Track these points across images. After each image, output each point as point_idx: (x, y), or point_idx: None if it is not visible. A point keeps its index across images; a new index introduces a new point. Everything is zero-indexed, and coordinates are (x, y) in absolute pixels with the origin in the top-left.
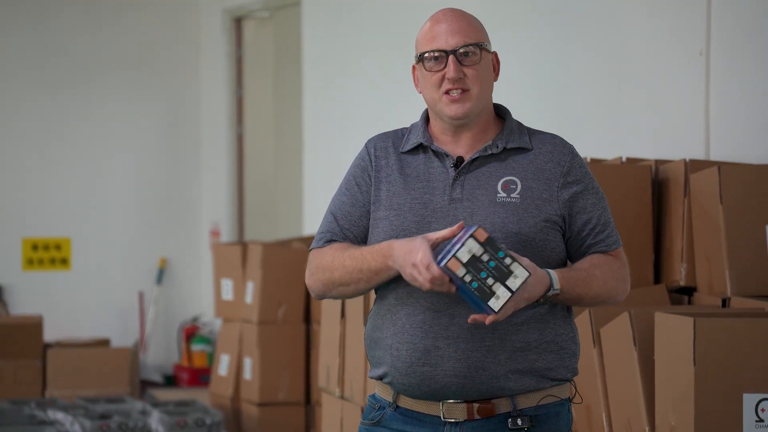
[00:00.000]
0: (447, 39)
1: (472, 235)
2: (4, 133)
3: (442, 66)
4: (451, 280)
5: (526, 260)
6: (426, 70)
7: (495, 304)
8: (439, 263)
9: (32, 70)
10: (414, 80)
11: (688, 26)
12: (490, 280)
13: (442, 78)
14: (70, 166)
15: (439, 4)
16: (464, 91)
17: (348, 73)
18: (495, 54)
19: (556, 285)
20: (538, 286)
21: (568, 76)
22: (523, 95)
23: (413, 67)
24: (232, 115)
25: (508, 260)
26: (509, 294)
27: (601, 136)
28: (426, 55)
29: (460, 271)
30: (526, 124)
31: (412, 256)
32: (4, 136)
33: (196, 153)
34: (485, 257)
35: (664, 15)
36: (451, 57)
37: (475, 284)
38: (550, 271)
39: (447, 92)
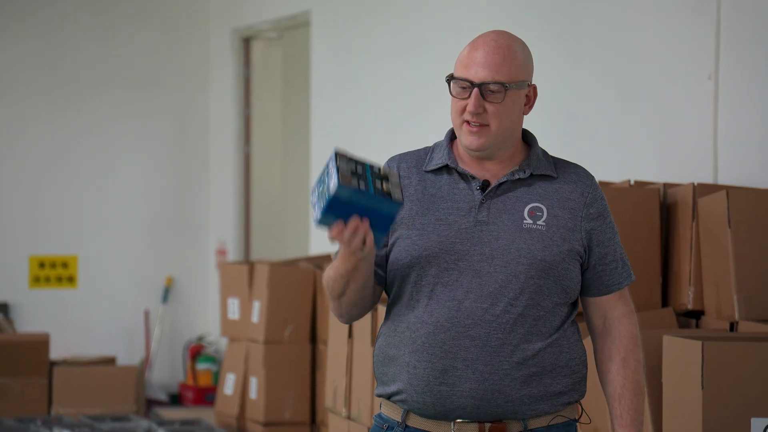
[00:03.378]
0: (477, 71)
1: (338, 156)
2: (12, 150)
3: (466, 96)
4: (343, 209)
5: None
6: (452, 95)
7: (397, 195)
8: (329, 196)
9: (41, 87)
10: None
11: (697, 50)
12: (378, 184)
13: (464, 107)
14: (78, 184)
15: (448, 27)
16: (483, 125)
17: (356, 93)
18: (533, 87)
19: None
20: None
21: (577, 99)
22: (532, 117)
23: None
24: (239, 135)
25: (375, 168)
26: (399, 188)
27: (609, 158)
28: (454, 81)
29: (353, 181)
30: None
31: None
32: (12, 154)
33: (204, 172)
34: (360, 169)
35: (674, 38)
36: (474, 90)
37: (372, 190)
38: None
39: (467, 122)
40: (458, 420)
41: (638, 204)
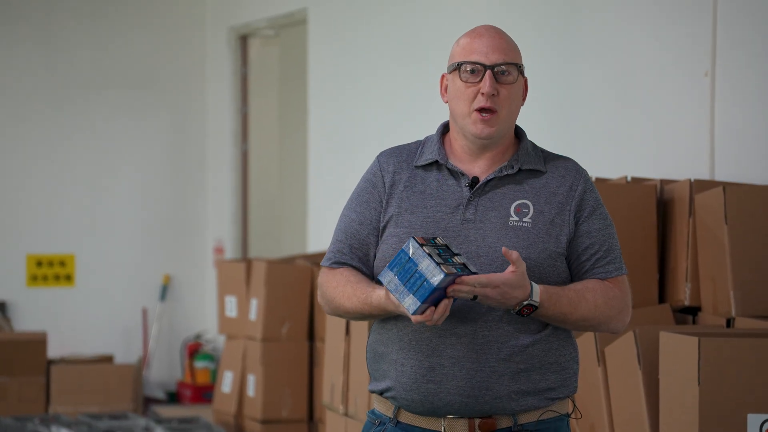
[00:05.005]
0: (487, 54)
1: (420, 245)
2: (9, 149)
3: (478, 79)
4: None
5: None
6: (461, 80)
7: (474, 268)
8: (432, 286)
9: (38, 87)
10: (441, 89)
11: (693, 47)
12: (454, 260)
13: (476, 93)
14: (75, 182)
15: (446, 25)
16: (493, 112)
17: (353, 91)
18: (525, 79)
19: (535, 297)
20: (518, 290)
21: (574, 96)
22: (529, 116)
23: (442, 76)
24: (237, 133)
25: (437, 241)
26: (462, 255)
27: (606, 155)
28: (463, 66)
29: (450, 268)
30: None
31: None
32: (9, 153)
33: (201, 170)
34: (436, 250)
35: (670, 35)
36: (488, 72)
37: (459, 269)
38: (534, 284)
39: (478, 110)
40: (448, 416)
41: (635, 200)
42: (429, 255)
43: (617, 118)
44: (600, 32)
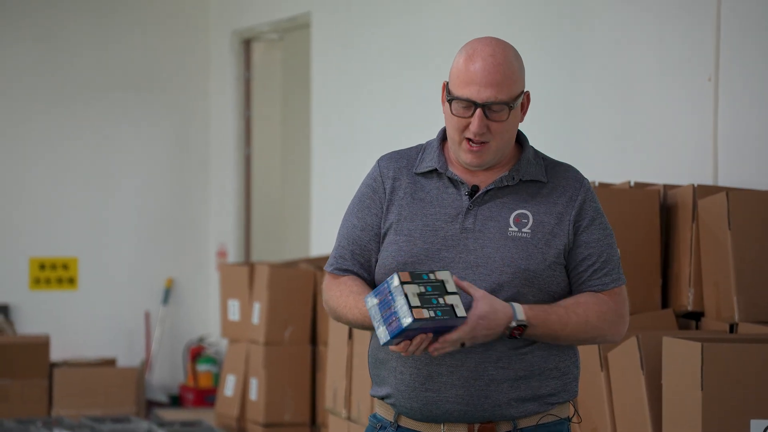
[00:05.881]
0: (479, 90)
1: (401, 283)
2: (12, 152)
3: (469, 114)
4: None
5: (466, 284)
6: (452, 113)
7: (461, 312)
8: (401, 327)
9: (41, 90)
10: (442, 96)
11: (697, 52)
12: (441, 300)
13: (467, 124)
14: (78, 185)
15: (449, 30)
16: (484, 143)
17: (356, 94)
18: (527, 94)
19: (519, 316)
20: (498, 313)
21: (578, 100)
22: (533, 120)
23: (444, 84)
24: (240, 136)
25: (431, 275)
26: (458, 296)
27: (610, 160)
28: (454, 101)
29: (424, 312)
30: (537, 149)
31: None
32: (12, 156)
33: (204, 173)
34: (421, 288)
35: (674, 40)
36: (478, 111)
37: (439, 312)
38: (514, 303)
39: (468, 139)
40: (449, 422)
41: (638, 205)
42: (405, 295)
43: (620, 123)
44: (603, 37)
